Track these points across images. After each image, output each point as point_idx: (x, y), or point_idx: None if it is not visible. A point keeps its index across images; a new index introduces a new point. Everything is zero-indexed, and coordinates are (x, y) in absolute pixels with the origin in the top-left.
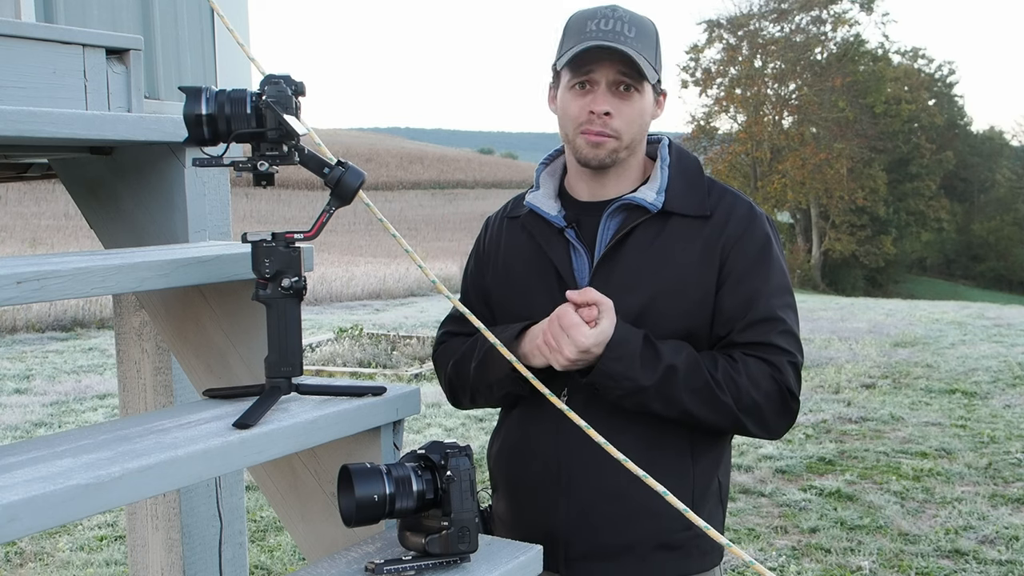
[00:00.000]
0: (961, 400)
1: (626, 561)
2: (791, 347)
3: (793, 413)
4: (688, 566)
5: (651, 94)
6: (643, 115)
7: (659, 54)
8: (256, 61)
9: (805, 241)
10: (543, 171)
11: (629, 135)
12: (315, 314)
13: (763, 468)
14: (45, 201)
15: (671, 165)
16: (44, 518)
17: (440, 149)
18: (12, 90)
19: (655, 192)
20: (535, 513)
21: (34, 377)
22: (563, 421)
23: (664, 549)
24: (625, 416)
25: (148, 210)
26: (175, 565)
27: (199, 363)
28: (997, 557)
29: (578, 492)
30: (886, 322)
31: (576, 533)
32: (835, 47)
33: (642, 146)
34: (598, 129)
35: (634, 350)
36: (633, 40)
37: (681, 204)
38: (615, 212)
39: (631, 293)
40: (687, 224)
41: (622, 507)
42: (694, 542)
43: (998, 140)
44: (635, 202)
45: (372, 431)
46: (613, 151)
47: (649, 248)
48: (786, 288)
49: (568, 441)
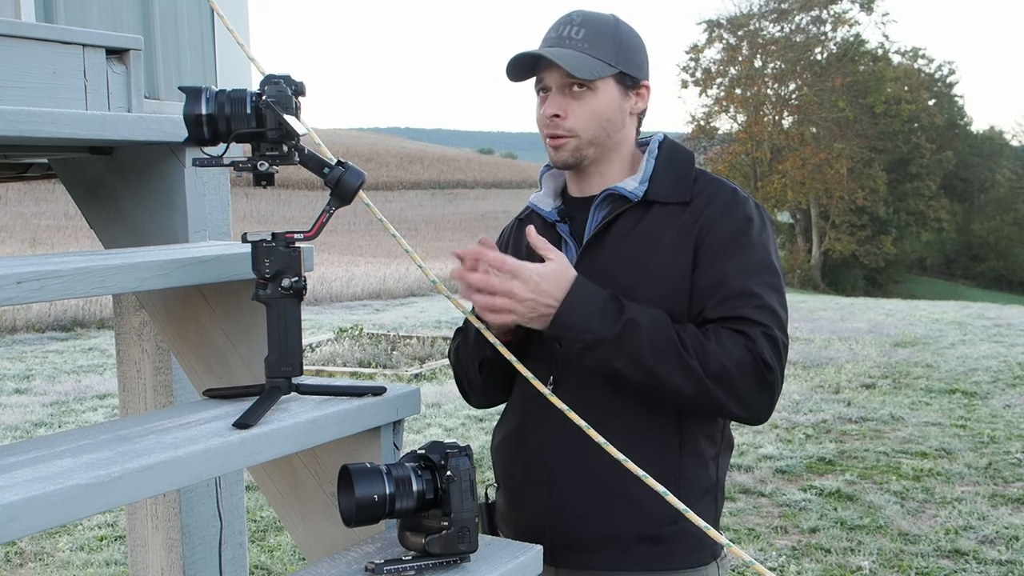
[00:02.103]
0: (961, 400)
1: (608, 552)
2: (767, 320)
3: (771, 387)
4: (672, 560)
5: (613, 89)
6: (600, 112)
7: (619, 46)
8: (256, 61)
9: (805, 241)
10: (546, 172)
11: (588, 132)
12: (315, 314)
13: (763, 468)
14: (45, 201)
15: (658, 157)
16: (44, 518)
17: (440, 149)
18: (12, 90)
19: (637, 182)
20: (523, 504)
21: (34, 377)
22: (549, 412)
23: (646, 541)
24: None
25: (148, 210)
26: (175, 565)
27: (199, 363)
28: (997, 557)
29: (562, 482)
30: (886, 322)
31: (559, 523)
32: (835, 47)
33: (620, 142)
34: (551, 132)
35: (593, 302)
36: (579, 41)
37: (664, 192)
38: (601, 203)
39: (610, 278)
40: (669, 211)
41: (605, 498)
42: (679, 536)
43: (998, 140)
44: (617, 192)
45: (372, 431)
46: (575, 150)
47: (629, 234)
48: (767, 268)
49: (553, 431)
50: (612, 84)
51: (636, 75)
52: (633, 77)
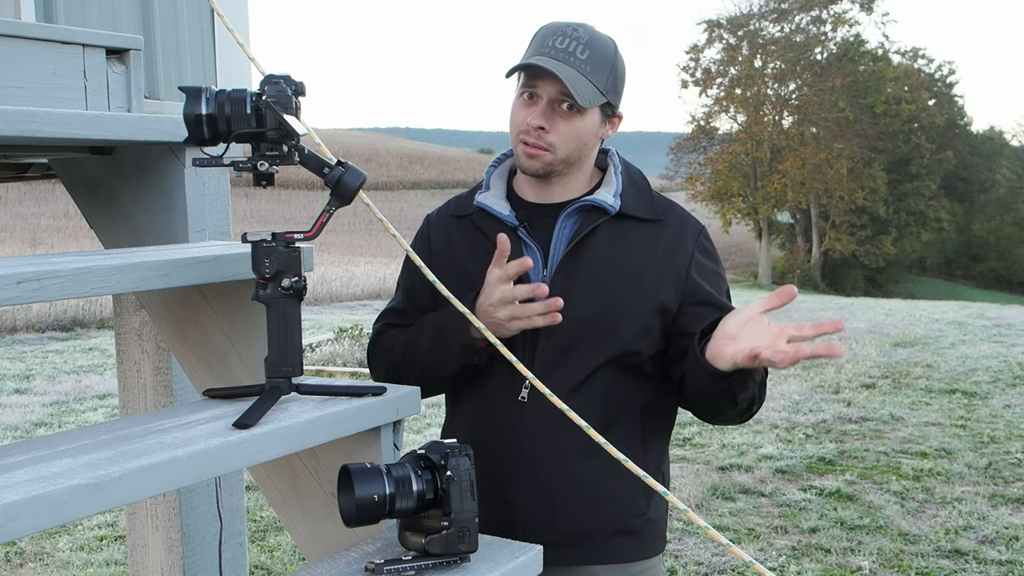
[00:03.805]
0: (961, 400)
1: (586, 547)
2: None
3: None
4: (643, 550)
5: (597, 115)
6: (581, 135)
7: (613, 77)
8: (256, 61)
9: (805, 241)
10: (493, 172)
11: (565, 151)
12: (315, 314)
13: (763, 468)
14: (45, 201)
15: (622, 172)
16: (44, 518)
17: (440, 149)
18: (12, 90)
19: (612, 195)
20: (496, 504)
21: (34, 377)
22: (524, 411)
23: (623, 534)
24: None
25: (148, 210)
26: (175, 565)
27: (199, 363)
28: (997, 557)
29: (539, 480)
30: (886, 322)
31: (537, 521)
32: (835, 47)
33: (586, 160)
34: (533, 141)
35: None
36: (584, 62)
37: (636, 208)
38: (573, 213)
39: (594, 291)
40: (643, 227)
41: (583, 495)
42: (647, 527)
43: (998, 140)
44: (595, 203)
45: (372, 431)
46: (548, 163)
47: (610, 248)
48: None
49: (528, 432)
50: (597, 111)
51: (616, 106)
52: (614, 108)
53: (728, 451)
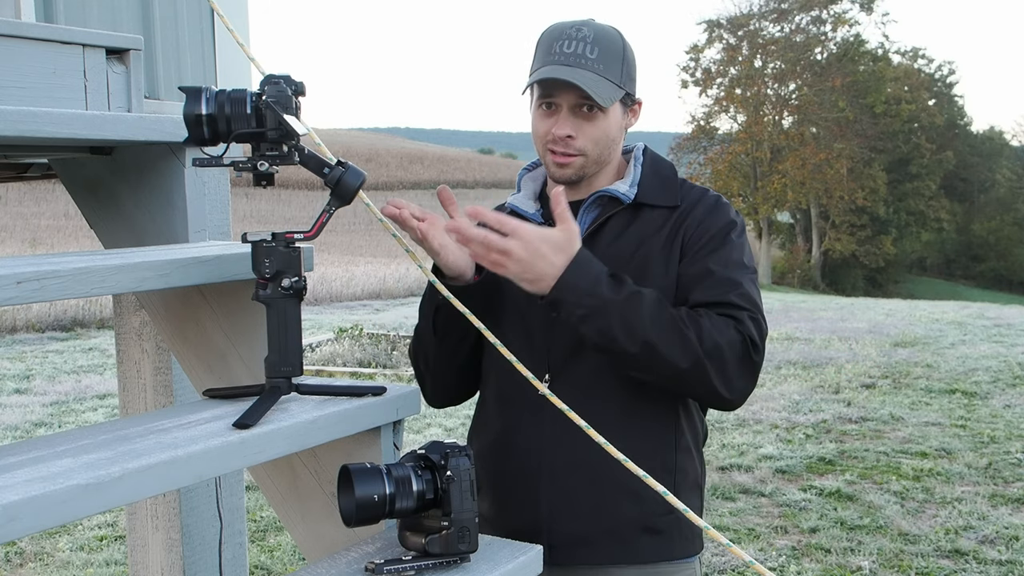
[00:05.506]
0: (961, 400)
1: (610, 545)
2: (749, 304)
3: (755, 368)
4: (671, 551)
5: (618, 109)
6: (608, 132)
7: (626, 67)
8: (256, 61)
9: (805, 241)
10: (525, 175)
11: (596, 152)
12: (315, 314)
13: (763, 468)
14: (45, 201)
15: (644, 164)
16: (44, 518)
17: (440, 149)
18: (12, 90)
19: (628, 185)
20: (518, 504)
21: (34, 377)
22: (542, 410)
23: (648, 533)
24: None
25: (148, 210)
26: (175, 565)
27: (199, 363)
28: (997, 557)
29: (560, 479)
30: (886, 322)
31: (561, 520)
32: (835, 47)
33: (614, 155)
34: (562, 150)
35: (599, 271)
36: (595, 61)
37: (653, 196)
38: (591, 205)
39: None
40: (658, 214)
41: (605, 491)
42: (676, 526)
43: (998, 140)
44: (610, 193)
45: (372, 431)
46: (580, 168)
47: (622, 235)
48: (748, 266)
49: (548, 429)
50: (618, 105)
51: (634, 94)
52: (632, 96)
53: (728, 451)
